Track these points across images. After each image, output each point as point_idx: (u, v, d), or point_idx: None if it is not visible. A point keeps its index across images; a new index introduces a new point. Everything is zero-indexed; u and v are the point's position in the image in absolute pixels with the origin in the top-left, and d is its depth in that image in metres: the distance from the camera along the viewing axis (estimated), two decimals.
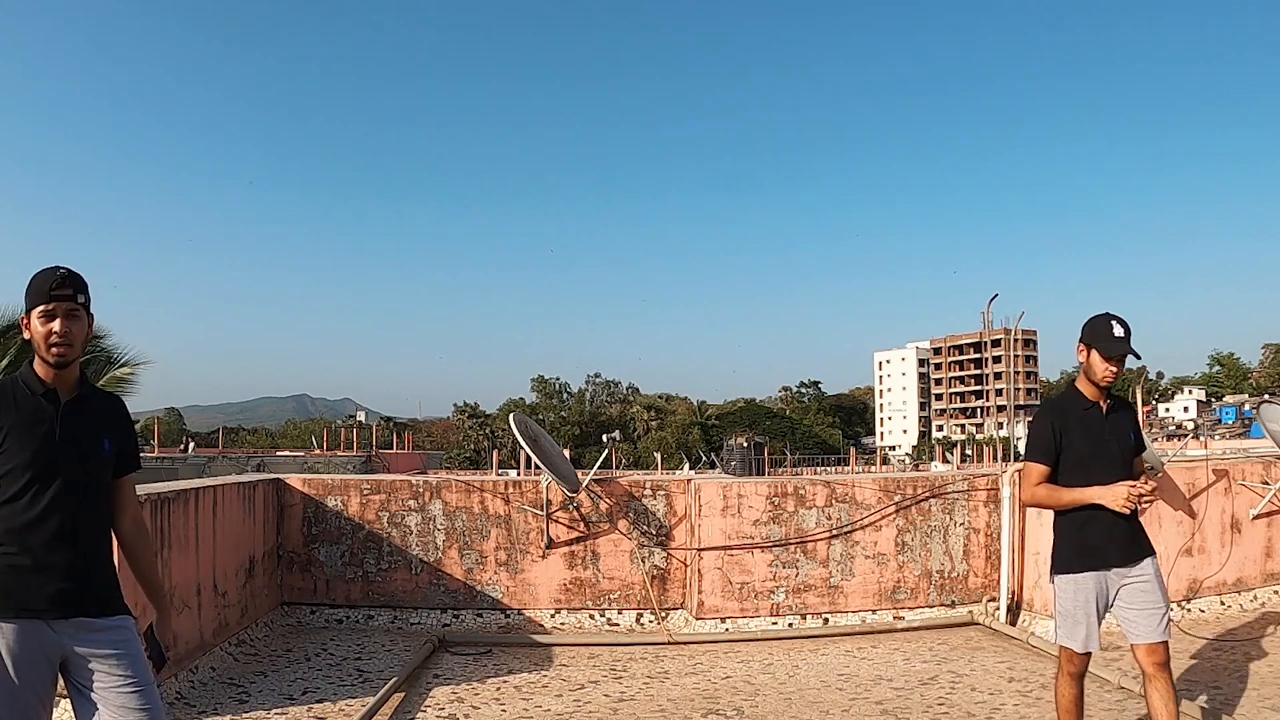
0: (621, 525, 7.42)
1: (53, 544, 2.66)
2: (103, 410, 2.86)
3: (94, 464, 2.78)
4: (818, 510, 7.26)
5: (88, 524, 2.75)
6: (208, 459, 26.68)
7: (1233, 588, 7.22)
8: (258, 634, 6.54)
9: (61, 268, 2.74)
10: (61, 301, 2.69)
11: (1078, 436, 3.73)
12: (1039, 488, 3.78)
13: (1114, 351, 3.67)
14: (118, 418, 2.90)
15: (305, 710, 5.00)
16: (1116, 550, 3.68)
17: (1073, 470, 3.73)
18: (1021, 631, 6.80)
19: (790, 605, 7.16)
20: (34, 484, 2.64)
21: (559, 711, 5.08)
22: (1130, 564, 3.70)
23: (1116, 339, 3.66)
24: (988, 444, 51.91)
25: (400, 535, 7.29)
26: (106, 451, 2.81)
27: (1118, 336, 3.66)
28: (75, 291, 2.72)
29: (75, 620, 2.67)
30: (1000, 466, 8.25)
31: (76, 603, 2.68)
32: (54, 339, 2.68)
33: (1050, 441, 3.75)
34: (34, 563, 2.64)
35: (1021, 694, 5.26)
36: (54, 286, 2.69)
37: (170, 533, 5.29)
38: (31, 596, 2.63)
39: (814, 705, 5.14)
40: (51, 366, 2.72)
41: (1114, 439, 3.75)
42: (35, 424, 2.68)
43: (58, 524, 2.67)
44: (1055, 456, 3.75)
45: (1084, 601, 3.71)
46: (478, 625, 7.18)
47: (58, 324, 2.69)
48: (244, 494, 6.57)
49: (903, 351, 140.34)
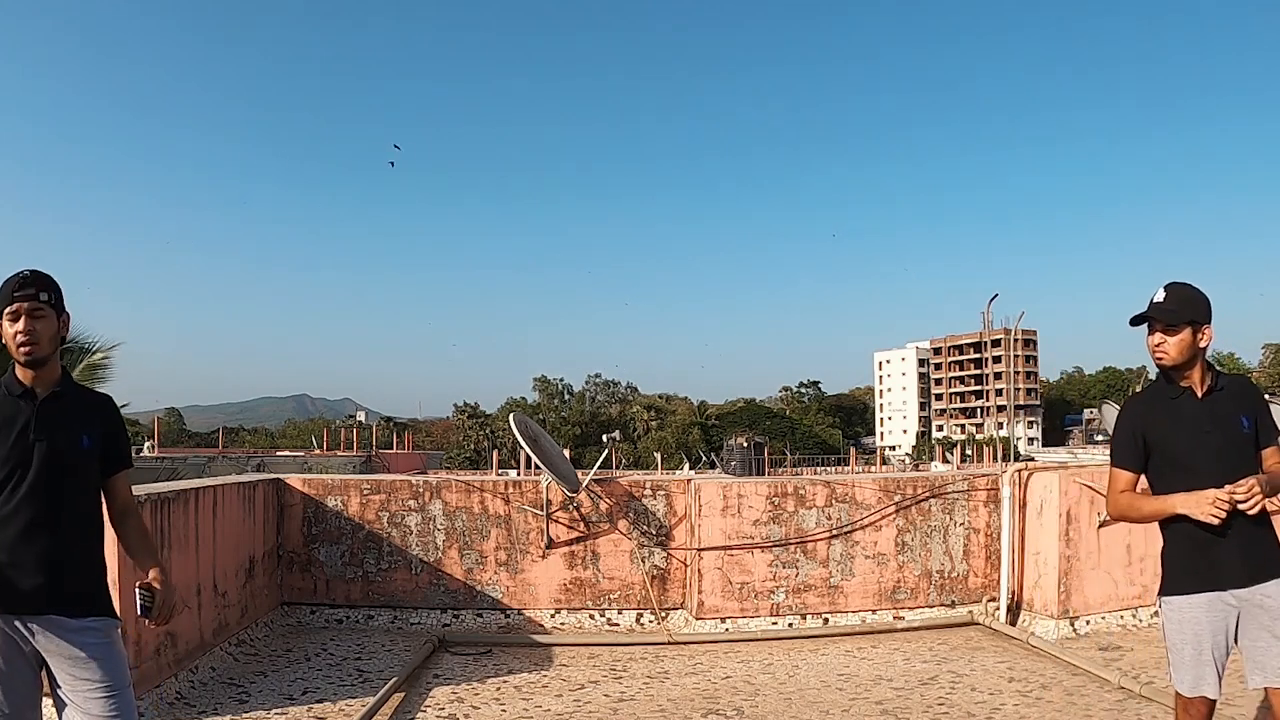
0: (621, 525, 7.42)
1: (24, 540, 2.66)
2: (84, 407, 2.86)
3: (71, 460, 2.76)
4: (818, 510, 7.26)
5: (65, 521, 2.74)
6: (208, 459, 26.67)
7: None
8: (258, 634, 6.54)
9: (26, 270, 2.78)
10: (25, 301, 2.73)
11: (1166, 430, 3.12)
12: (1121, 496, 3.21)
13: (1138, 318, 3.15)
14: (101, 414, 2.89)
15: (305, 710, 5.00)
16: (1234, 566, 3.00)
17: (1166, 472, 3.13)
18: (1021, 631, 6.80)
19: (790, 605, 7.16)
20: (7, 481, 2.67)
21: (559, 711, 5.08)
22: (1253, 584, 3.00)
23: (1151, 304, 3.11)
24: (988, 444, 51.94)
25: (400, 535, 7.29)
26: (85, 447, 2.79)
27: (1152, 301, 3.10)
28: (38, 290, 2.75)
29: (46, 618, 2.67)
30: (1000, 466, 8.26)
31: (48, 600, 2.68)
32: (20, 338, 2.72)
33: (1130, 441, 3.18)
34: (7, 559, 2.65)
35: (1021, 694, 5.26)
36: (16, 288, 2.73)
37: (170, 533, 5.29)
38: (4, 593, 2.64)
39: (814, 705, 5.14)
40: (24, 366, 2.76)
41: (1217, 429, 3.08)
42: (9, 423, 2.71)
43: (29, 520, 2.67)
44: (1142, 458, 3.17)
45: (1192, 633, 3.05)
46: (478, 625, 7.18)
47: (22, 323, 2.73)
48: (244, 494, 6.57)
49: (903, 351, 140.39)
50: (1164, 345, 3.10)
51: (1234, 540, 2.98)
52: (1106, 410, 7.69)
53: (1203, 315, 3.11)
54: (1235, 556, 3.00)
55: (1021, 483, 7.31)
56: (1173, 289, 3.11)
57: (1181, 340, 3.08)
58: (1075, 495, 6.83)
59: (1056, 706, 5.00)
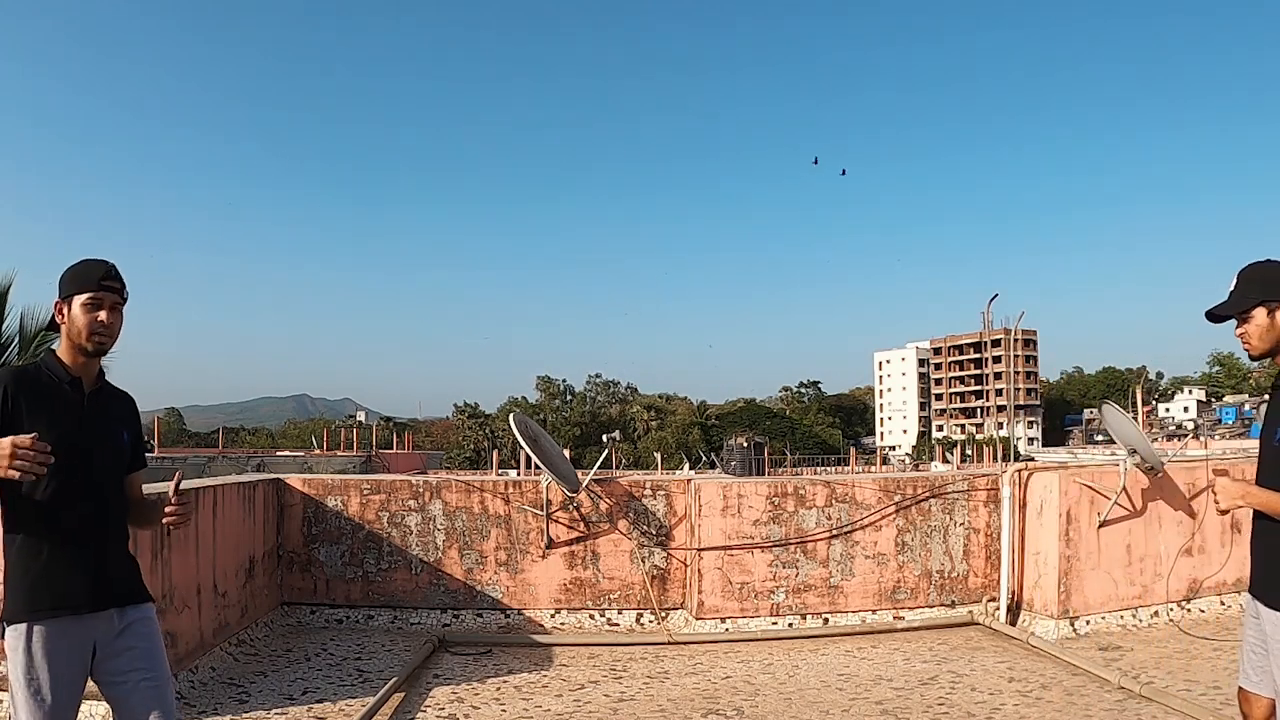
0: (621, 525, 7.42)
1: (83, 535, 2.64)
2: (120, 404, 2.87)
3: (118, 455, 2.79)
4: (818, 510, 7.26)
5: (114, 514, 2.76)
6: (208, 459, 26.67)
7: (1233, 587, 7.21)
8: (258, 634, 6.54)
9: (108, 261, 2.74)
10: (110, 293, 2.69)
11: (1272, 423, 2.94)
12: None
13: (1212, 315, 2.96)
14: (132, 413, 2.92)
15: (305, 710, 5.00)
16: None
17: (1272, 465, 2.92)
18: (1021, 631, 6.80)
19: (790, 605, 7.16)
20: (62, 472, 2.57)
21: (559, 711, 5.08)
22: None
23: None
24: (988, 444, 51.97)
25: (400, 535, 7.28)
26: (125, 443, 2.82)
27: (1229, 289, 2.91)
28: (123, 285, 2.74)
29: (107, 612, 2.67)
30: (1000, 466, 8.26)
31: (108, 593, 2.67)
32: (99, 328, 2.67)
33: (1265, 432, 2.98)
34: (66, 555, 2.62)
35: (1021, 694, 5.26)
36: (104, 276, 2.69)
37: (170, 532, 5.29)
38: (67, 590, 2.61)
39: (814, 705, 5.14)
40: (88, 356, 2.70)
41: None
42: (64, 413, 2.64)
43: (88, 514, 2.65)
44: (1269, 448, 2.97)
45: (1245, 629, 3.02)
46: (478, 625, 7.18)
47: (104, 314, 2.68)
48: (244, 494, 6.56)
49: (903, 351, 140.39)
50: (1244, 335, 2.88)
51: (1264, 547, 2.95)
52: (1107, 410, 7.66)
53: (1276, 291, 2.82)
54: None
55: (1021, 483, 7.31)
56: (1241, 273, 2.88)
57: (1259, 325, 2.84)
58: (1075, 495, 6.83)
59: (1056, 706, 5.00)
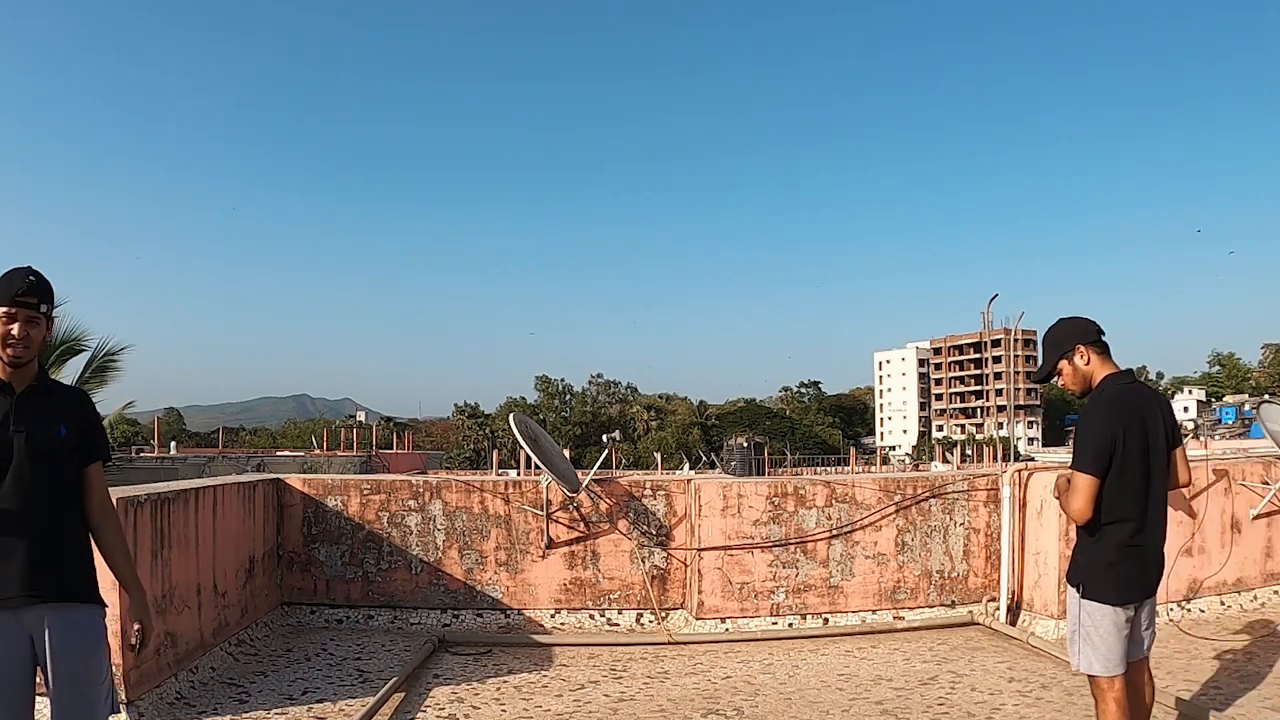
0: (621, 525, 7.41)
1: (10, 530, 2.67)
2: (61, 400, 2.90)
3: (52, 450, 2.79)
4: (818, 510, 7.26)
5: (52, 510, 2.77)
6: (208, 459, 26.67)
7: (1233, 588, 7.22)
8: (258, 634, 6.54)
9: (31, 273, 2.79)
10: (24, 308, 2.75)
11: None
12: None
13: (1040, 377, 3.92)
14: (77, 407, 2.93)
15: (305, 710, 5.00)
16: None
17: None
18: (1021, 631, 6.80)
19: (790, 605, 7.16)
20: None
21: (559, 711, 5.08)
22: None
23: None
24: (988, 444, 51.97)
25: (400, 535, 7.28)
26: (63, 436, 2.83)
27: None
28: (39, 301, 2.79)
29: (36, 609, 2.69)
30: (1000, 466, 8.26)
31: (42, 588, 2.69)
32: (12, 341, 2.74)
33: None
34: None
35: (1021, 694, 5.26)
36: (20, 292, 2.75)
37: (170, 533, 5.29)
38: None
39: (814, 705, 5.14)
40: (7, 365, 2.77)
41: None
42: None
43: (12, 510, 2.68)
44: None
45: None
46: (478, 625, 7.18)
47: (16, 328, 2.75)
48: (244, 494, 6.56)
49: (903, 351, 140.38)
50: (1064, 385, 3.65)
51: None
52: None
53: (1065, 344, 3.59)
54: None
55: (1021, 483, 7.31)
56: (1042, 340, 3.59)
57: (1067, 376, 3.63)
58: None
59: (1056, 706, 5.00)
